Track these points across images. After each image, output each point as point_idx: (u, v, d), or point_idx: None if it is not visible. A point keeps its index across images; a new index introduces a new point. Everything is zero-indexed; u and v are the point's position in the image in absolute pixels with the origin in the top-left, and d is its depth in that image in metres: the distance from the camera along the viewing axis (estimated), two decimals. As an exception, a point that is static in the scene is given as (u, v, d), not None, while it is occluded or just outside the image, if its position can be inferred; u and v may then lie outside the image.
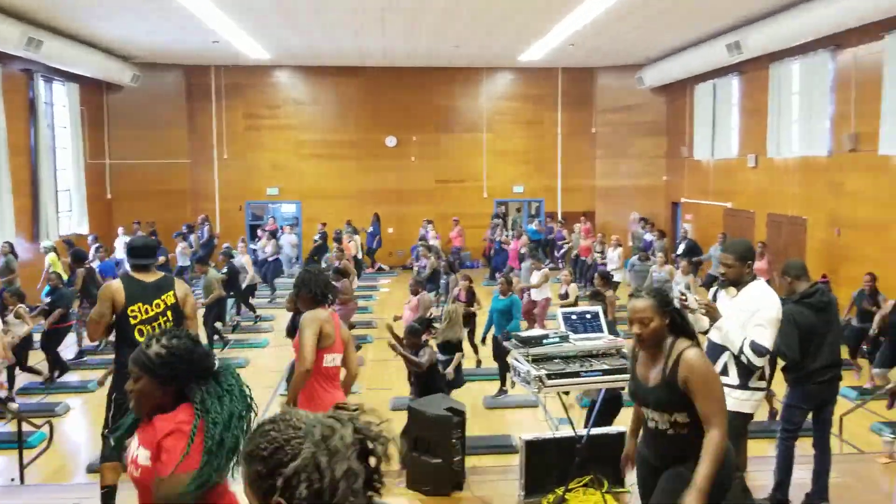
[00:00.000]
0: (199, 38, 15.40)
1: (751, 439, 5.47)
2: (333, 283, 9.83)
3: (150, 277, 4.78)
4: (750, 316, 4.26)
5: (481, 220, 20.01)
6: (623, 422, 6.69)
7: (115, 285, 4.73)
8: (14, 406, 8.29)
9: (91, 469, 7.03)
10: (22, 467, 6.45)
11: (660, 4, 12.51)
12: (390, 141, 20.35)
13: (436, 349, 7.51)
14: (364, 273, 18.05)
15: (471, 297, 10.16)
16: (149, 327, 4.61)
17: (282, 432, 1.53)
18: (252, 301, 13.98)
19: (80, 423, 8.71)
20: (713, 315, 4.30)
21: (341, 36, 15.41)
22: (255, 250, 16.78)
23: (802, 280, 5.09)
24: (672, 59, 17.48)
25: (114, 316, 4.65)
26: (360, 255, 17.59)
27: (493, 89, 20.59)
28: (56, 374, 9.83)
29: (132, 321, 4.62)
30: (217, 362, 2.50)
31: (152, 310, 4.68)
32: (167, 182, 19.56)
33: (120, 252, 15.58)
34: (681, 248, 15.05)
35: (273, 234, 17.47)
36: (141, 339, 4.30)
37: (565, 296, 10.78)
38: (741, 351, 4.22)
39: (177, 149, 19.68)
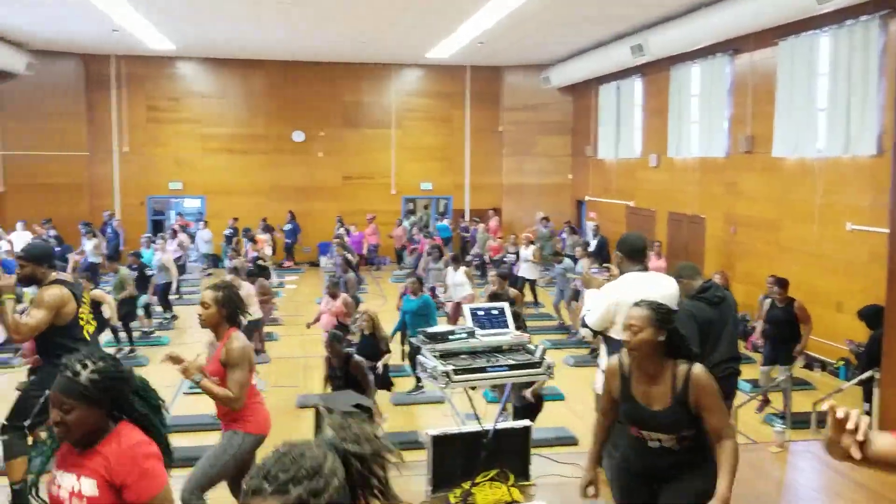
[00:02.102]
0: (98, 26, 14.75)
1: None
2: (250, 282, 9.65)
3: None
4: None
5: (388, 217, 19.97)
6: (547, 419, 6.86)
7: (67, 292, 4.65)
8: None
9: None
10: None
11: (566, 6, 12.76)
12: (297, 136, 20.05)
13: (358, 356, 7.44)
14: (277, 269, 17.85)
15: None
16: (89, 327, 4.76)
17: (314, 452, 1.49)
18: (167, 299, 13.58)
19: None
20: (587, 285, 4.85)
21: (245, 28, 15.07)
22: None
23: (696, 279, 5.31)
24: (578, 60, 17.86)
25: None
26: (272, 253, 17.36)
27: (402, 86, 20.55)
28: None
29: (81, 322, 4.69)
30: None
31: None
32: (64, 175, 18.66)
33: (17, 246, 14.80)
34: (592, 245, 15.34)
35: (176, 232, 16.97)
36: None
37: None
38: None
39: (74, 141, 18.80)
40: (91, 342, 4.80)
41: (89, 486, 2.31)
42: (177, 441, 7.45)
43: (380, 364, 7.93)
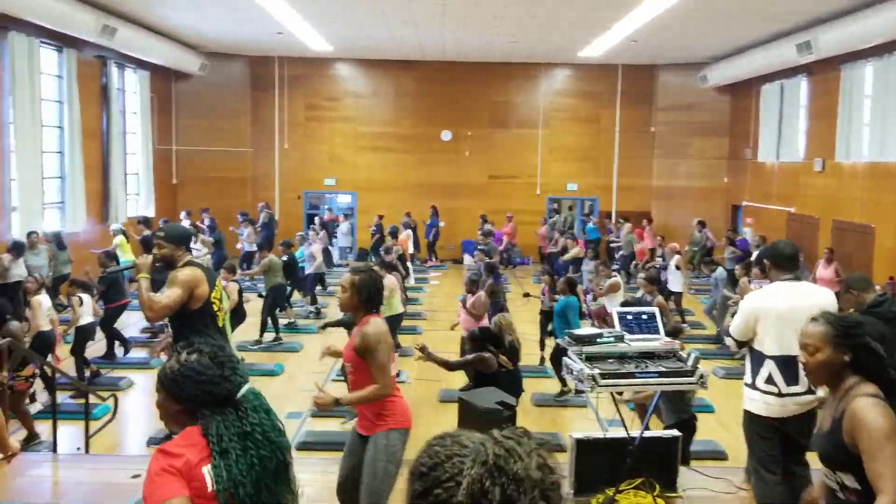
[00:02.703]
0: (264, 29, 15.66)
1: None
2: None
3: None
4: None
5: (533, 216, 19.92)
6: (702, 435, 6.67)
7: (200, 273, 4.62)
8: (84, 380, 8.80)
9: (151, 443, 7.27)
10: (87, 437, 6.70)
11: (728, 1, 12.27)
12: (445, 135, 20.41)
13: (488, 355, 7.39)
14: (420, 266, 18.32)
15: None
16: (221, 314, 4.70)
17: (446, 448, 1.35)
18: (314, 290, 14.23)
19: (141, 399, 8.99)
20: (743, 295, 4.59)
21: (400, 29, 15.50)
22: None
23: (869, 291, 5.01)
24: (738, 58, 17.12)
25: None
26: (417, 250, 17.76)
27: (551, 85, 20.46)
28: (123, 351, 10.19)
29: (214, 308, 4.63)
30: (244, 387, 2.25)
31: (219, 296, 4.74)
32: (229, 170, 20.02)
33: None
34: (755, 256, 14.48)
35: (324, 225, 17.69)
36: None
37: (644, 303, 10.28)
38: None
39: (240, 137, 20.09)
40: (223, 330, 4.78)
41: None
42: (322, 426, 7.82)
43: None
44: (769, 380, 4.25)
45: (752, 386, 4.34)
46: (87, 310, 9.23)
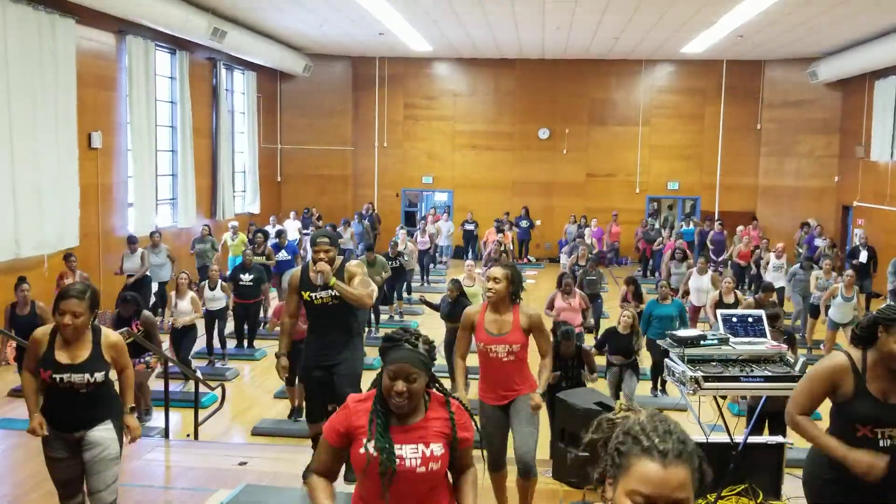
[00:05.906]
0: (366, 30, 15.97)
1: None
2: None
3: None
4: None
5: (632, 216, 19.59)
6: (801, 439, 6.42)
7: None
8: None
9: (255, 432, 7.56)
10: (196, 425, 7.02)
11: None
12: (543, 133, 20.30)
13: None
14: (520, 264, 18.32)
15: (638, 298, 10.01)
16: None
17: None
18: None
19: (246, 389, 9.34)
20: None
21: (501, 28, 15.51)
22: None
23: None
24: (851, 53, 16.32)
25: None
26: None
27: (652, 82, 20.03)
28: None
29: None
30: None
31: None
32: (331, 167, 20.56)
33: (290, 234, 16.30)
34: (863, 256, 13.84)
35: (426, 226, 17.91)
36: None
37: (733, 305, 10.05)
38: None
39: (341, 136, 20.57)
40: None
41: (439, 448, 2.57)
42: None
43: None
44: None
45: None
46: (219, 294, 9.96)
